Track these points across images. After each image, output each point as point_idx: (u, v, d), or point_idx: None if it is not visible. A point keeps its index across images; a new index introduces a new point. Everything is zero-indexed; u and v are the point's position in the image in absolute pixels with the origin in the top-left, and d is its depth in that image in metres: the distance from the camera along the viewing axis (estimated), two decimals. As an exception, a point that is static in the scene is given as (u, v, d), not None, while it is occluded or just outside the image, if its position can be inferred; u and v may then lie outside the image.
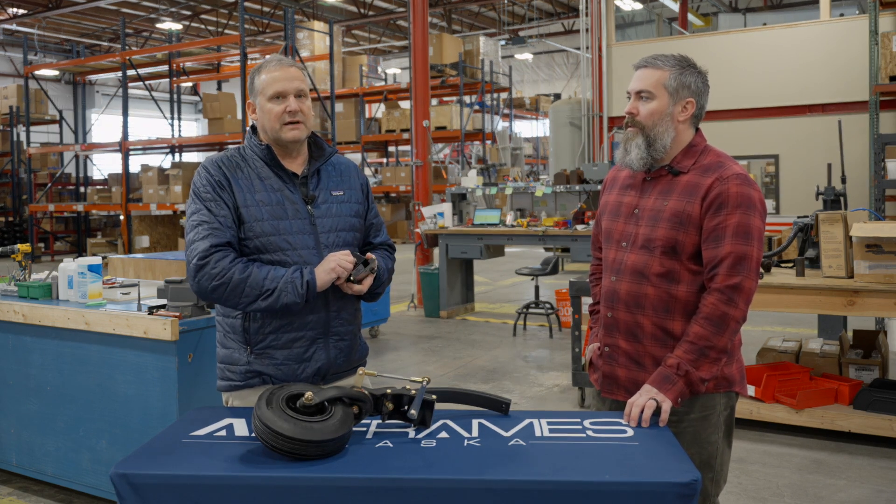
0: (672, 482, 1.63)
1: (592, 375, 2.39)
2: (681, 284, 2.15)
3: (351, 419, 1.84)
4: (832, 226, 4.25)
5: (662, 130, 2.15)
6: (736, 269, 2.06)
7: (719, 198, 2.08)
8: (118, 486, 1.68)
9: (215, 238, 2.11)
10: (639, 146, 2.17)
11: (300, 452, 1.72)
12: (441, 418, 2.02)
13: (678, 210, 2.12)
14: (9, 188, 18.75)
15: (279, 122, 2.18)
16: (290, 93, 2.19)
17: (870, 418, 4.32)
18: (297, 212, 2.21)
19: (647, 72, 2.17)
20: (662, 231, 2.13)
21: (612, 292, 2.24)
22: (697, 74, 2.21)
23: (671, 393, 2.04)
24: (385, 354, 6.97)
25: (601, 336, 2.31)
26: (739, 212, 2.07)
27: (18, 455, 3.73)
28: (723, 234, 2.07)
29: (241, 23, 11.82)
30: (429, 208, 9.03)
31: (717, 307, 2.06)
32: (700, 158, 2.18)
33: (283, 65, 2.21)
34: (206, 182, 2.17)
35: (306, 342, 2.20)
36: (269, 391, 1.86)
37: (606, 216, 2.33)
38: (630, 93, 2.21)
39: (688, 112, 2.18)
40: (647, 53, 2.31)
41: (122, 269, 5.47)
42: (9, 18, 20.42)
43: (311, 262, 2.18)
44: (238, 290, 2.08)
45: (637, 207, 2.22)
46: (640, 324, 2.19)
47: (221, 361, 2.26)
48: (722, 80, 11.80)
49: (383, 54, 28.87)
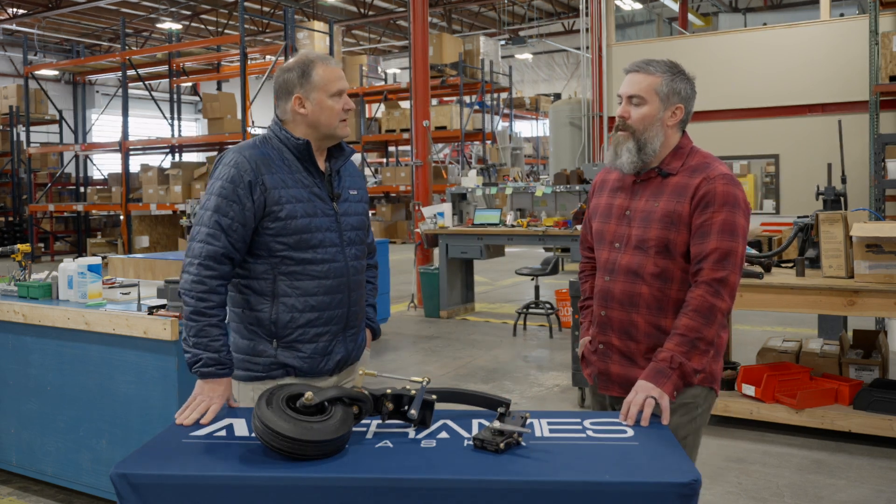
0: (673, 482, 1.64)
1: (585, 370, 2.43)
2: (674, 283, 2.20)
3: (351, 419, 1.83)
4: (832, 226, 4.24)
5: (653, 135, 2.21)
6: (722, 263, 2.11)
7: (706, 196, 2.15)
8: (118, 487, 1.68)
9: (210, 246, 2.13)
10: (629, 150, 2.22)
11: (300, 452, 1.72)
12: (441, 418, 2.02)
13: (669, 210, 2.18)
14: (9, 188, 18.75)
15: (338, 118, 2.23)
16: (346, 91, 2.26)
17: (870, 418, 4.32)
18: (325, 209, 2.25)
19: (639, 77, 2.22)
20: (655, 231, 2.19)
21: (606, 291, 2.29)
22: (687, 81, 2.26)
23: (668, 387, 2.07)
24: (385, 354, 6.97)
25: (595, 333, 2.36)
26: (725, 210, 2.13)
27: (18, 455, 3.73)
28: (709, 230, 2.13)
29: (241, 23, 11.83)
30: (429, 208, 9.03)
31: (706, 299, 2.10)
32: (687, 160, 2.24)
33: (335, 64, 2.25)
34: (230, 179, 2.15)
35: (330, 336, 2.27)
36: (269, 391, 1.86)
37: (598, 218, 2.38)
38: (621, 96, 2.25)
39: (676, 117, 2.24)
40: (647, 53, 2.33)
41: (122, 269, 5.47)
42: (9, 18, 20.43)
43: (337, 259, 2.25)
44: (185, 313, 2.14)
45: (628, 209, 2.27)
46: (635, 322, 2.23)
47: (242, 352, 2.26)
48: (722, 80, 11.81)
49: (383, 54, 28.87)
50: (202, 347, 2.09)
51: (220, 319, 2.14)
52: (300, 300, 2.21)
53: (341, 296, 2.26)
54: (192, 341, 2.11)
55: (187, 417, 2.02)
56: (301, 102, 2.21)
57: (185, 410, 2.04)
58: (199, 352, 2.09)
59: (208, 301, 2.11)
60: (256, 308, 2.23)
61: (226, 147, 14.72)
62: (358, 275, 2.33)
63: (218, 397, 2.08)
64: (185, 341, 2.13)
